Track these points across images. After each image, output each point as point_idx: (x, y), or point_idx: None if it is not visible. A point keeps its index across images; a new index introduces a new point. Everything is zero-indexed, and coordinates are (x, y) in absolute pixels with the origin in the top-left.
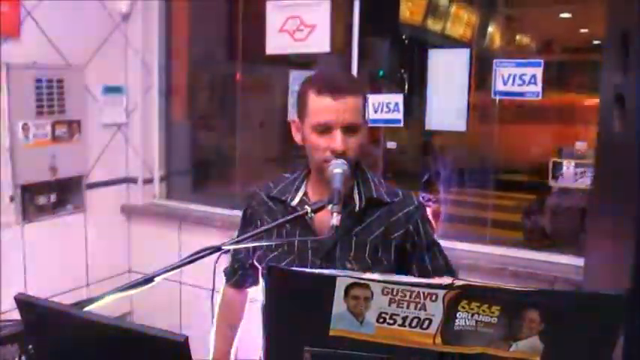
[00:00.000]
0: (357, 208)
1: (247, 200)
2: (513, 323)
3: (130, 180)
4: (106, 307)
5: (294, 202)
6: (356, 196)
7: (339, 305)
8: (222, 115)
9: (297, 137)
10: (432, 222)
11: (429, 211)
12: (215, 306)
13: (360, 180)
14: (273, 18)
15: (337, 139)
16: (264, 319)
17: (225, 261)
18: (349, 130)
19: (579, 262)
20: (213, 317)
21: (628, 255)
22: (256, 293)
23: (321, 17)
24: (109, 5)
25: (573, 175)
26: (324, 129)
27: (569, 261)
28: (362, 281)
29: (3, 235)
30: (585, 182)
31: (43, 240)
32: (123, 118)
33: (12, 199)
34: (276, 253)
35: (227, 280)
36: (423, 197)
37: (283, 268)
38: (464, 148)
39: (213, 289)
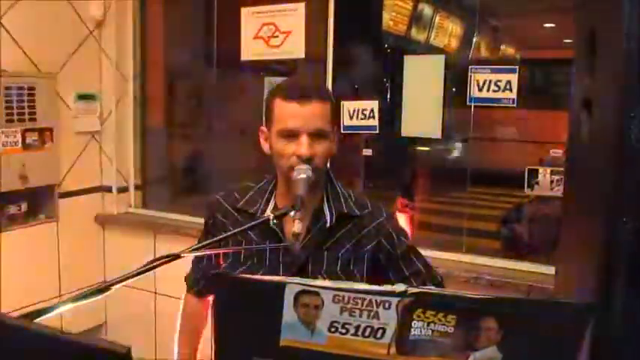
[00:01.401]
0: (328, 223)
1: (209, 210)
2: (470, 332)
3: (104, 189)
4: (78, 318)
5: (266, 214)
6: (326, 211)
7: (289, 314)
8: (198, 123)
9: (265, 146)
10: (407, 228)
11: (405, 218)
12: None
13: (330, 193)
14: (248, 24)
15: (303, 145)
16: (213, 327)
17: (187, 267)
18: (316, 136)
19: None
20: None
21: (594, 266)
22: None
23: (296, 23)
24: (82, 12)
25: (549, 184)
26: (290, 134)
27: (545, 270)
28: (311, 288)
29: None
30: (561, 190)
31: (14, 250)
32: (97, 126)
33: None
34: (245, 266)
35: (189, 289)
36: (401, 203)
37: (230, 275)
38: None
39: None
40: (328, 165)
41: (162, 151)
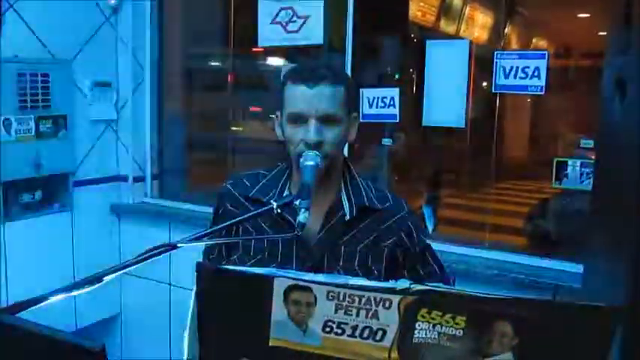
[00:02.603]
0: (348, 216)
1: (219, 199)
2: (482, 337)
3: (120, 178)
4: (93, 309)
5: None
6: (345, 203)
7: (278, 311)
8: (216, 110)
9: (279, 132)
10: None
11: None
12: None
13: (350, 184)
14: (265, 9)
15: (310, 129)
16: (198, 325)
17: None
18: (326, 121)
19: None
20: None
21: (627, 264)
22: None
23: (314, 8)
24: None
25: (579, 176)
26: (299, 118)
27: (573, 268)
28: (302, 283)
29: None
30: (591, 183)
31: (28, 240)
32: (113, 114)
33: None
34: (255, 259)
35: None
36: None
37: (214, 267)
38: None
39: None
40: (345, 153)
41: (179, 140)
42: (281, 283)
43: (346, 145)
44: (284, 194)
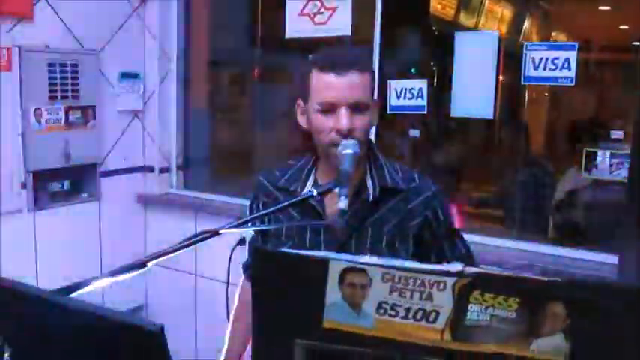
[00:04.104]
0: (371, 197)
1: (254, 192)
2: (534, 318)
3: (146, 169)
4: (118, 299)
5: (305, 192)
6: (369, 184)
7: (333, 293)
8: (242, 102)
9: (302, 120)
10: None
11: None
12: (231, 302)
13: (373, 166)
14: (293, 1)
15: (343, 118)
16: (252, 307)
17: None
18: (356, 108)
19: (614, 259)
20: (228, 313)
21: None
22: None
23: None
24: None
25: (608, 167)
26: (329, 108)
27: (603, 259)
28: (359, 266)
29: (14, 223)
30: (621, 174)
31: (56, 228)
32: (140, 104)
33: (24, 186)
34: (286, 246)
35: (244, 274)
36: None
37: (269, 250)
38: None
39: (227, 283)
40: (372, 137)
41: (205, 131)
42: (336, 265)
43: (373, 137)
44: (308, 182)
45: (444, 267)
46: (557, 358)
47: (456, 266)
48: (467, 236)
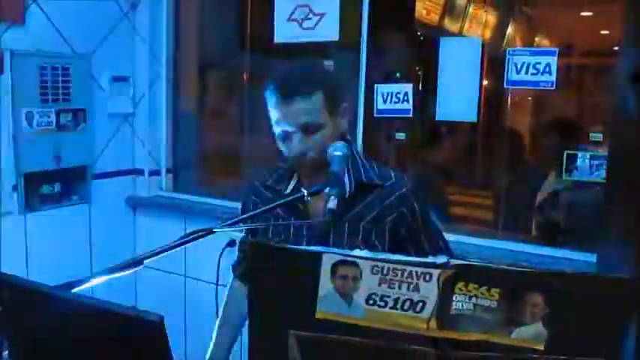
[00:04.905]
0: (347, 193)
1: (246, 193)
2: (514, 308)
3: (136, 171)
4: (109, 299)
5: (288, 191)
6: (346, 180)
7: (325, 285)
8: (231, 106)
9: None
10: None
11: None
12: (220, 302)
13: (351, 163)
14: (282, 6)
15: (293, 147)
16: (248, 299)
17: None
18: (309, 130)
19: (594, 258)
20: (217, 312)
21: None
22: None
23: (330, 5)
24: None
25: (588, 168)
26: (283, 135)
27: (584, 257)
28: (350, 259)
29: (5, 225)
30: (601, 175)
31: (46, 230)
32: (130, 108)
33: (15, 187)
34: (274, 240)
35: (233, 273)
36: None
37: (265, 244)
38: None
39: (217, 284)
40: (359, 139)
41: (195, 134)
42: (329, 258)
43: (360, 140)
44: (291, 181)
45: (430, 259)
46: (537, 346)
47: (442, 258)
48: (451, 236)
